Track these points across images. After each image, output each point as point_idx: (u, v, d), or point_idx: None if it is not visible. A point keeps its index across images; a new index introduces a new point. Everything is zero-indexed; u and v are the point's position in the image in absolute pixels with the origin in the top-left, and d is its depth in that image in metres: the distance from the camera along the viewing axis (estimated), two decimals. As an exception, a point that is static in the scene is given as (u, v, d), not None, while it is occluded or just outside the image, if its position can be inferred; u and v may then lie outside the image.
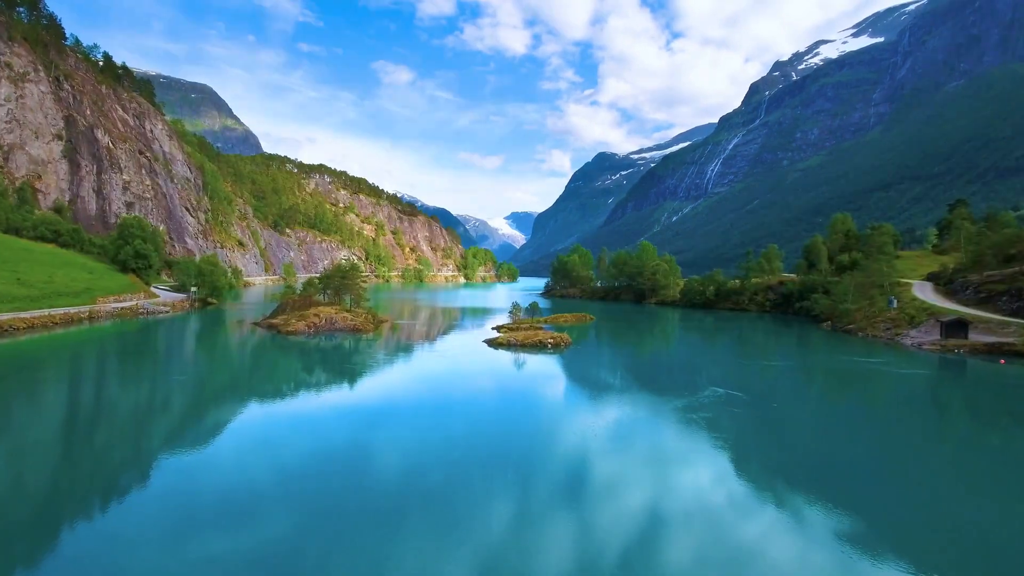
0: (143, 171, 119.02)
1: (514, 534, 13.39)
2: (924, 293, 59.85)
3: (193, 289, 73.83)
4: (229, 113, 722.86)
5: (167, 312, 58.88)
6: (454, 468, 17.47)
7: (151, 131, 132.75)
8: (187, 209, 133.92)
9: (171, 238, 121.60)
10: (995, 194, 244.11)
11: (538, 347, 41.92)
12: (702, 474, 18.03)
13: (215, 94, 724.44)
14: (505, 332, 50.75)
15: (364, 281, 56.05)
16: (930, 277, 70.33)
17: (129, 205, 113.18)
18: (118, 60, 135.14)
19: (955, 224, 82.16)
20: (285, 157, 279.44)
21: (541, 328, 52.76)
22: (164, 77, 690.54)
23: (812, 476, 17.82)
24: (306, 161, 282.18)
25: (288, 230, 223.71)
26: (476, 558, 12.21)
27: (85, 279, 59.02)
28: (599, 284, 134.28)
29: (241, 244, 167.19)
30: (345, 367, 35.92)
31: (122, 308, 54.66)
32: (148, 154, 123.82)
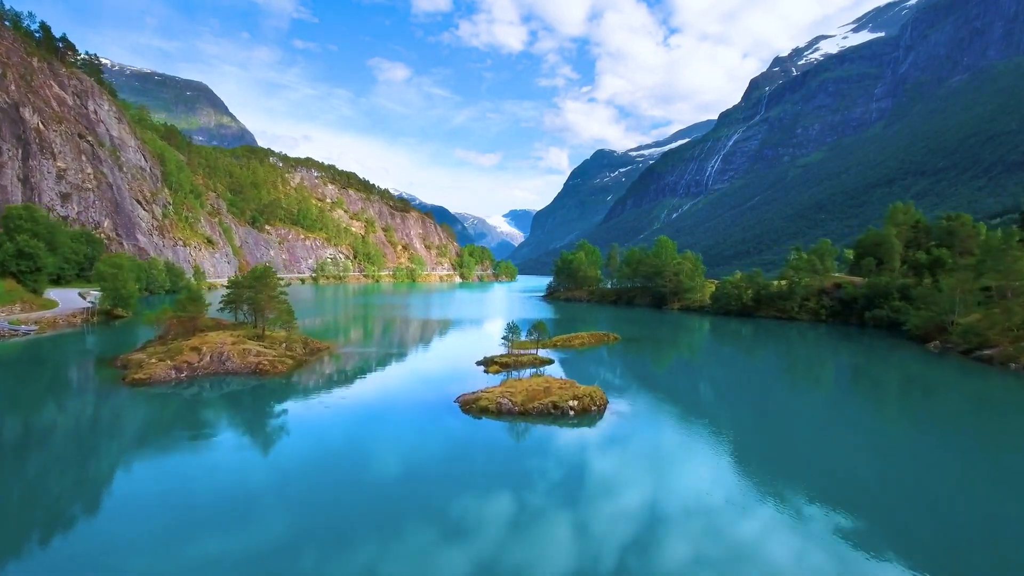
0: (83, 157, 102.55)
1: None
2: (1059, 302, 45.62)
3: (91, 298, 57.23)
4: (225, 111, 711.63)
5: (30, 333, 42.29)
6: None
7: (95, 112, 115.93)
8: (139, 202, 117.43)
9: (118, 235, 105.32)
10: (1002, 189, 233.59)
11: (551, 415, 24.67)
12: None
13: (210, 92, 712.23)
14: (498, 371, 34.24)
15: (286, 290, 39.19)
16: (1039, 280, 56.41)
17: (65, 196, 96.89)
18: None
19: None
20: (268, 150, 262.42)
21: (550, 370, 36.83)
22: (159, 75, 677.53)
23: None
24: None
25: (268, 227, 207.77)
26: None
27: (-66, 287, 43.60)
28: (609, 285, 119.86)
29: (210, 242, 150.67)
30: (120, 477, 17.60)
31: (-53, 331, 38.64)
32: (90, 138, 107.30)
